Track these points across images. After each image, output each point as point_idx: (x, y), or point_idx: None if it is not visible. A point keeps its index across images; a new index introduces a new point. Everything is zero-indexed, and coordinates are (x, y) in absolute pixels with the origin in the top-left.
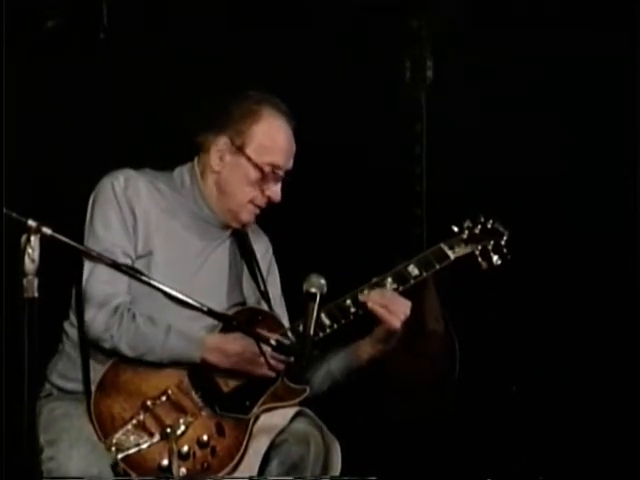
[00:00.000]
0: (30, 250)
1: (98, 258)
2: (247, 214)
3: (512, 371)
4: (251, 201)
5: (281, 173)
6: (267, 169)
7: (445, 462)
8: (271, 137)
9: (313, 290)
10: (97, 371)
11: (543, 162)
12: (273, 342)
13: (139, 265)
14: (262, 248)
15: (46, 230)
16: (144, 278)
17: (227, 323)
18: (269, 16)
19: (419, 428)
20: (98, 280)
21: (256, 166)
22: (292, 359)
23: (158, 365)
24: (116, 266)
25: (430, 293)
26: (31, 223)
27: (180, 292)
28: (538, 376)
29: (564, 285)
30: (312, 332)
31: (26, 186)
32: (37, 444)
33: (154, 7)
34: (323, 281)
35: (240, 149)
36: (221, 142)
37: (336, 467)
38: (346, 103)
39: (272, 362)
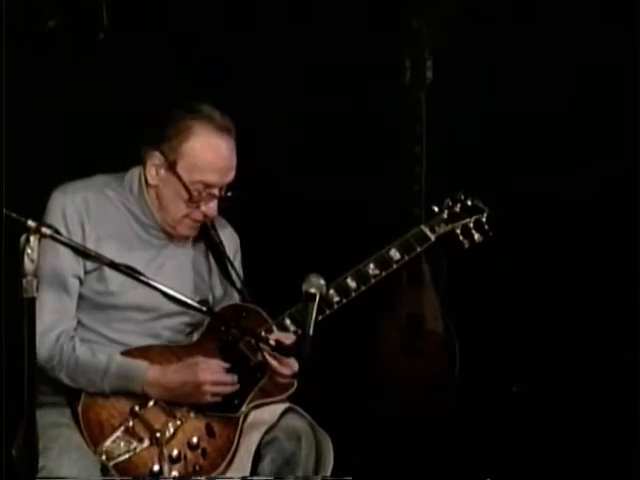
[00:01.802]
0: (29, 250)
1: (96, 258)
2: (184, 228)
3: (513, 371)
4: (187, 216)
5: (215, 191)
6: (198, 187)
7: (445, 462)
8: (202, 155)
9: (312, 290)
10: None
11: (543, 162)
12: (272, 343)
13: (92, 278)
14: (231, 244)
15: (45, 230)
16: (143, 278)
17: (215, 320)
18: (269, 16)
19: (419, 428)
20: (43, 307)
21: (185, 185)
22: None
23: None
24: (114, 266)
25: (429, 293)
26: (30, 223)
27: (140, 298)
28: (539, 376)
29: (565, 285)
30: (311, 332)
31: (26, 186)
32: (37, 443)
33: (154, 7)
34: (322, 281)
35: (172, 166)
36: (155, 157)
37: (329, 462)
38: (346, 103)
39: (216, 389)
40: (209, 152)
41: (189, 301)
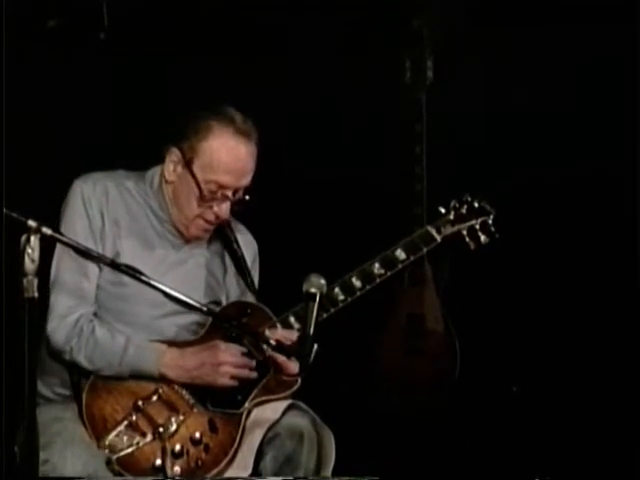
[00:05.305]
0: (30, 250)
1: (97, 258)
2: (196, 229)
3: (513, 371)
4: (199, 216)
5: (228, 193)
6: (211, 187)
7: (445, 462)
8: (218, 156)
9: (313, 290)
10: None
11: (543, 161)
12: (273, 343)
13: (106, 266)
14: (249, 251)
15: (46, 230)
16: (144, 278)
17: (218, 320)
18: (269, 15)
19: (419, 428)
20: (62, 291)
21: (198, 184)
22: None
23: None
24: (115, 266)
25: (430, 292)
26: (31, 223)
27: (151, 291)
28: (539, 376)
29: (566, 285)
30: (312, 332)
31: (26, 186)
32: (37, 443)
33: (154, 7)
34: (323, 281)
35: (188, 164)
36: (174, 154)
37: (330, 459)
38: (346, 103)
39: (235, 371)
40: (225, 153)
41: (189, 300)
